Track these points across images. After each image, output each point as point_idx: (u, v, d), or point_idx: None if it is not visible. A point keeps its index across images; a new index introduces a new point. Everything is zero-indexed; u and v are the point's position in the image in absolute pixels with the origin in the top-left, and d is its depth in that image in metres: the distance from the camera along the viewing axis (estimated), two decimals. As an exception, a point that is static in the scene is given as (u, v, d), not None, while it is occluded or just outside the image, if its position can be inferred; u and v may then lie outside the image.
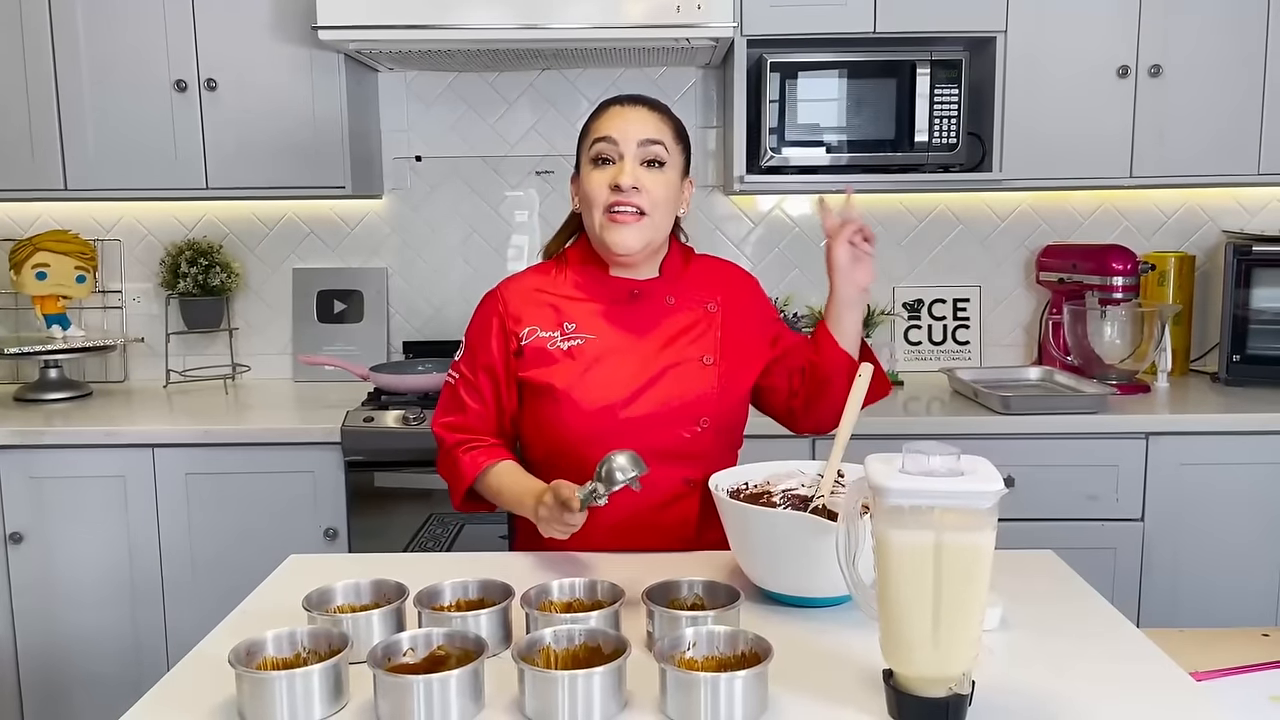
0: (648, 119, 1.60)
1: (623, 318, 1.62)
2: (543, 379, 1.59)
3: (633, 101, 1.63)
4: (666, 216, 1.62)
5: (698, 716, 1.01)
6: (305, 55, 2.60)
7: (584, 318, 1.62)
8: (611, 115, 1.60)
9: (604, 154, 1.58)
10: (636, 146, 1.57)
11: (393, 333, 3.06)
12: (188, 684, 1.14)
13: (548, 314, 1.63)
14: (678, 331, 1.63)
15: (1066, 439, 2.40)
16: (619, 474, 1.32)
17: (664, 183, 1.59)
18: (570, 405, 1.57)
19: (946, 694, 1.01)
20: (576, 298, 1.64)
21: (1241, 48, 2.58)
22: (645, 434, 1.54)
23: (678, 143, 1.63)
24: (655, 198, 1.57)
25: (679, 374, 1.60)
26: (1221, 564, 2.42)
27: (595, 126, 1.61)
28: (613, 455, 1.33)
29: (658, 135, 1.59)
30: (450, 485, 1.66)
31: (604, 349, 1.60)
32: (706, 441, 1.60)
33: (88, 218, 2.98)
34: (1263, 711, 1.22)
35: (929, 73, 2.57)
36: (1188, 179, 2.67)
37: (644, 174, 1.57)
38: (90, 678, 2.48)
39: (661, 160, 1.59)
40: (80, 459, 2.42)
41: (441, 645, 1.10)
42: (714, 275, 1.72)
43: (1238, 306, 2.69)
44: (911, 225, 3.01)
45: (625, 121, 1.59)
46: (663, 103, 1.66)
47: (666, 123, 1.62)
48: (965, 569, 0.98)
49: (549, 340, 1.61)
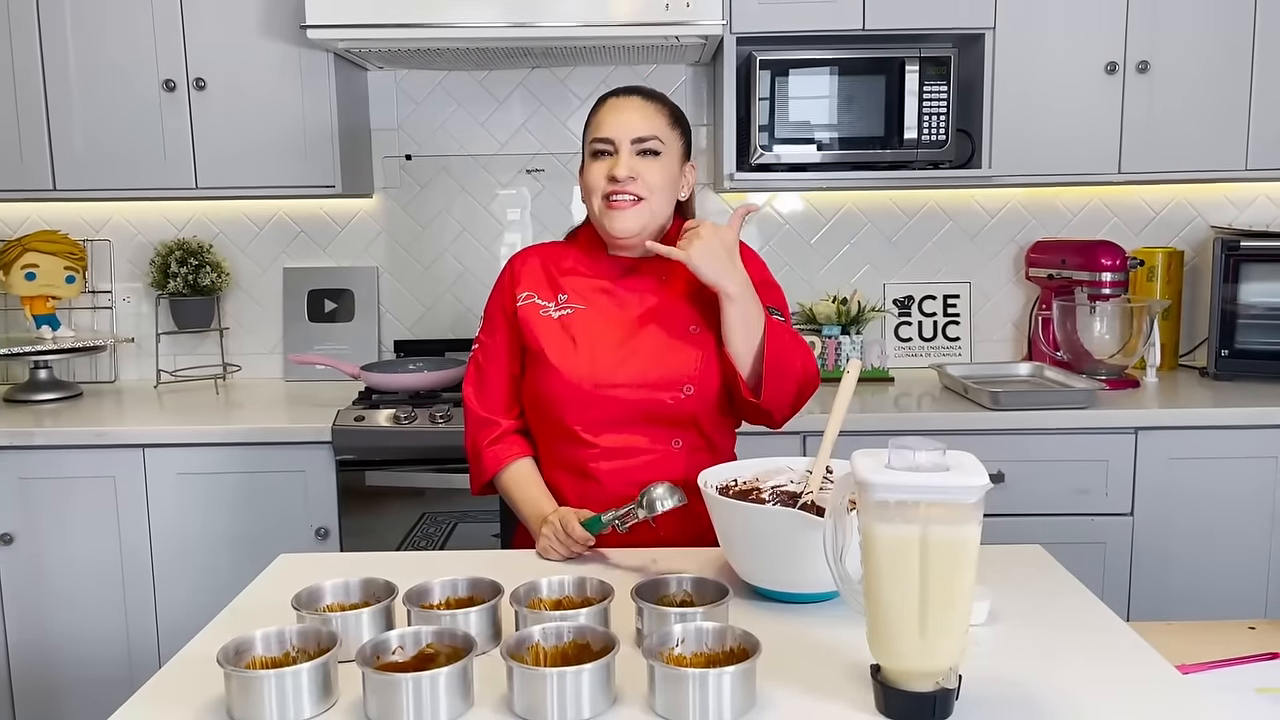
0: (641, 112, 1.65)
1: (615, 292, 1.69)
2: (533, 344, 1.66)
3: (627, 92, 1.68)
4: (665, 201, 1.67)
5: (686, 712, 1.01)
6: (294, 54, 2.60)
7: (578, 290, 1.69)
8: (607, 110, 1.66)
9: (602, 149, 1.65)
10: (630, 142, 1.63)
11: (384, 332, 3.06)
12: (177, 683, 1.14)
13: (546, 285, 1.71)
14: (667, 303, 1.67)
15: (1056, 434, 2.41)
16: (659, 503, 1.44)
17: (660, 169, 1.64)
18: (555, 371, 1.63)
19: (933, 688, 1.02)
20: (575, 272, 1.72)
21: (1228, 44, 2.59)
22: (627, 400, 1.61)
23: (674, 128, 1.68)
24: (651, 183, 1.63)
25: (663, 343, 1.63)
26: (1210, 558, 2.43)
27: (594, 122, 1.67)
28: (652, 486, 1.45)
29: (650, 130, 1.64)
30: (471, 472, 1.74)
31: (592, 319, 1.66)
32: (692, 407, 1.63)
33: (77, 218, 2.98)
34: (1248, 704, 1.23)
35: (918, 70, 2.58)
36: (1176, 175, 2.68)
37: (639, 163, 1.63)
38: (81, 678, 2.48)
39: (656, 150, 1.64)
40: (70, 460, 2.42)
41: (430, 643, 1.10)
42: None
43: (1226, 301, 2.70)
44: (901, 222, 3.01)
45: (619, 118, 1.64)
46: (658, 92, 1.71)
47: (661, 111, 1.67)
48: (951, 563, 0.99)
49: (543, 308, 1.68)
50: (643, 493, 1.46)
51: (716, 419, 1.68)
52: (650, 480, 1.49)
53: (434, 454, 2.43)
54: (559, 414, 1.64)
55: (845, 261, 3.03)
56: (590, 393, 1.61)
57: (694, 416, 1.63)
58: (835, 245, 3.02)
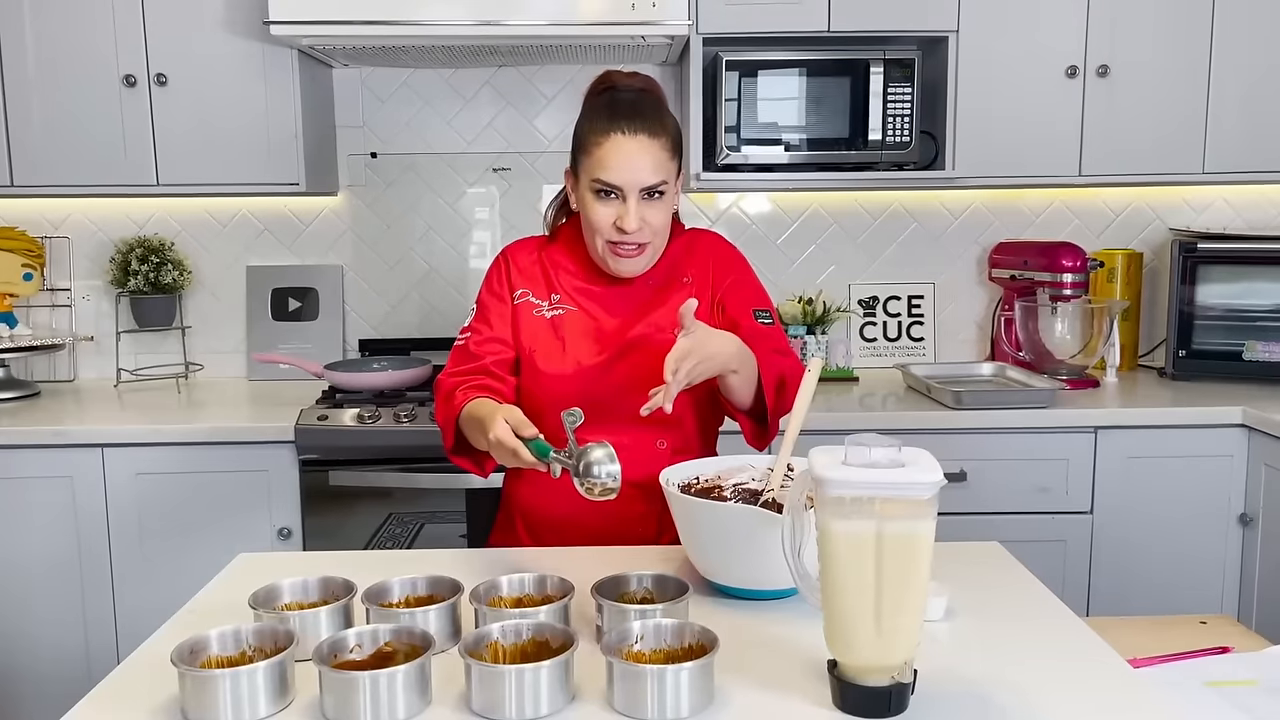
0: (649, 154, 1.55)
1: (603, 293, 1.68)
2: (526, 342, 1.66)
3: (633, 128, 1.55)
4: (666, 231, 1.65)
5: (644, 708, 1.02)
6: (258, 50, 2.58)
7: (570, 291, 1.69)
8: (612, 149, 1.55)
9: (606, 189, 1.57)
10: (639, 191, 1.56)
11: (348, 330, 3.04)
12: (132, 684, 1.13)
13: (541, 283, 1.70)
14: (653, 303, 1.67)
15: (1017, 433, 2.44)
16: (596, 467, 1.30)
17: (665, 208, 1.60)
18: (544, 372, 1.63)
19: (889, 683, 1.02)
20: (567, 271, 1.70)
21: (1187, 50, 2.63)
22: (614, 401, 1.60)
23: (674, 158, 1.61)
24: (657, 226, 1.60)
25: (650, 345, 1.63)
26: (1167, 555, 2.47)
27: (596, 157, 1.56)
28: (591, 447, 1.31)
29: (658, 176, 1.56)
30: (442, 429, 1.63)
31: (583, 321, 1.66)
32: (677, 410, 1.60)
33: (35, 214, 2.93)
34: (1197, 697, 1.25)
35: (883, 72, 2.60)
36: (1135, 178, 2.72)
37: (646, 208, 1.57)
38: (38, 678, 2.44)
39: (663, 191, 1.58)
40: (27, 459, 2.38)
41: (389, 642, 1.10)
42: (689, 248, 1.74)
43: (1184, 303, 2.74)
44: (866, 223, 3.03)
45: (628, 164, 1.55)
46: (659, 113, 1.61)
47: (666, 146, 1.58)
48: (906, 558, 1.00)
49: (536, 307, 1.68)
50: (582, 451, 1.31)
51: (701, 421, 1.69)
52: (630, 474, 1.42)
53: (399, 454, 2.42)
54: (543, 412, 1.61)
55: (811, 262, 3.04)
56: (577, 395, 1.59)
57: (679, 419, 1.63)
58: (801, 246, 3.04)
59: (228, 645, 1.09)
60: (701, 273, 1.71)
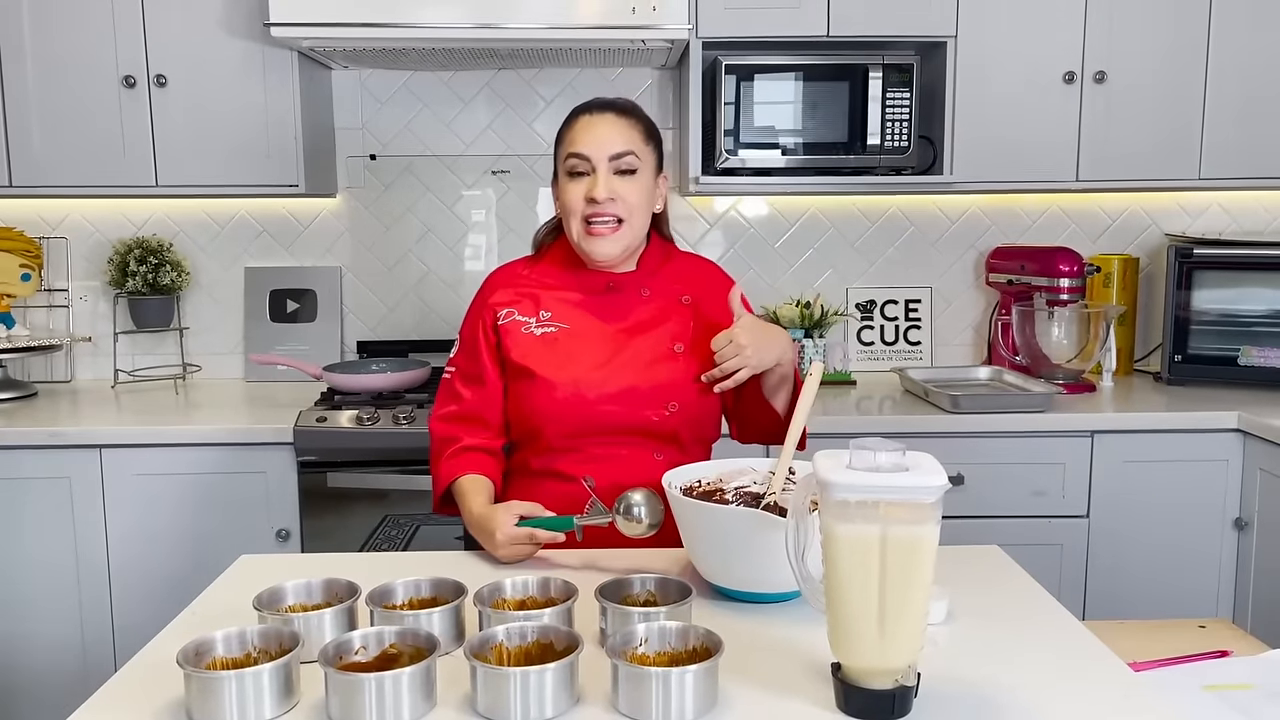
0: (616, 128, 1.63)
1: (597, 307, 1.68)
2: (519, 360, 1.65)
3: (601, 109, 1.65)
4: (643, 218, 1.66)
5: (649, 710, 1.02)
6: (258, 52, 2.58)
7: (560, 307, 1.69)
8: (581, 127, 1.63)
9: (577, 168, 1.63)
10: (608, 160, 1.61)
11: (346, 332, 3.04)
12: (135, 685, 1.13)
13: (527, 301, 1.70)
14: (650, 320, 1.68)
15: (1014, 437, 2.45)
16: (636, 509, 1.44)
17: (638, 188, 1.64)
18: (541, 387, 1.62)
19: (892, 686, 1.03)
20: (555, 288, 1.71)
21: (1183, 56, 2.64)
22: (614, 415, 1.61)
23: (648, 143, 1.67)
24: (630, 204, 1.62)
25: (649, 359, 1.64)
26: (1164, 558, 2.48)
27: (567, 138, 1.64)
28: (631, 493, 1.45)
29: (627, 146, 1.62)
30: (433, 487, 1.71)
31: (576, 335, 1.66)
32: (675, 424, 1.64)
33: (34, 215, 2.93)
34: (1197, 700, 1.26)
35: (881, 76, 2.61)
36: (1131, 183, 2.73)
37: (617, 183, 1.62)
38: (36, 682, 2.44)
39: (634, 168, 1.63)
40: (25, 460, 2.38)
41: (393, 644, 1.10)
42: (691, 272, 1.76)
43: (1179, 308, 2.76)
44: (864, 227, 3.04)
45: (595, 135, 1.62)
46: (631, 104, 1.69)
47: (636, 127, 1.65)
48: (909, 562, 1.00)
49: (524, 325, 1.67)
50: (621, 498, 1.45)
51: (697, 434, 1.69)
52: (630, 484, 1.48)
53: (396, 455, 2.42)
54: (541, 428, 1.63)
55: (809, 265, 3.05)
56: (574, 410, 1.61)
57: (676, 433, 1.64)
58: (799, 249, 3.05)
59: (233, 647, 1.09)
60: (703, 298, 1.71)
